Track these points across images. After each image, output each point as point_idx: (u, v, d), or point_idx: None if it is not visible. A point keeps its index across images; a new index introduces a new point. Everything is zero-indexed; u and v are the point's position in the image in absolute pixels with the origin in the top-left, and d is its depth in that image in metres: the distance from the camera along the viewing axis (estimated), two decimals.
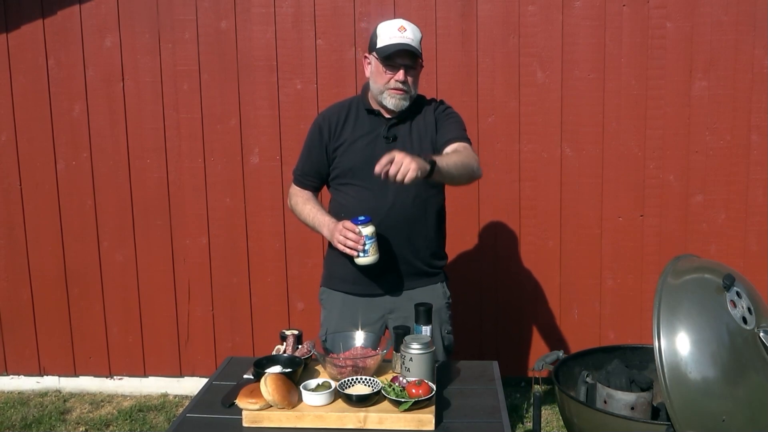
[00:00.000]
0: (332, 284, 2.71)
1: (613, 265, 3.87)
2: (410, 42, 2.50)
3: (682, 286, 2.42)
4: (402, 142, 2.57)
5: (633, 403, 2.60)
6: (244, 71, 3.88)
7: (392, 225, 2.55)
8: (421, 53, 2.54)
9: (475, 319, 3.96)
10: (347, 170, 2.59)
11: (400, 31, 2.50)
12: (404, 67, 2.50)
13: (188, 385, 4.16)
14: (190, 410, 2.14)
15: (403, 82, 2.51)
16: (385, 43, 2.50)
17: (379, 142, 2.56)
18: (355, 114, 2.63)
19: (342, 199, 2.63)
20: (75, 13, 3.90)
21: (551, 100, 3.78)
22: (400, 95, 2.53)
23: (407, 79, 2.52)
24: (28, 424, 3.82)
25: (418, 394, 2.00)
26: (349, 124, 2.61)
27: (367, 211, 2.51)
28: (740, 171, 3.75)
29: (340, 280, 2.67)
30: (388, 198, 2.54)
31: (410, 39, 2.50)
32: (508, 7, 3.74)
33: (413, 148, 2.54)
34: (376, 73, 2.56)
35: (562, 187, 3.84)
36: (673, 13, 3.67)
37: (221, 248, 4.02)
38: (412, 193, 2.54)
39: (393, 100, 2.53)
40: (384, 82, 2.53)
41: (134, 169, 4.00)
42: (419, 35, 2.56)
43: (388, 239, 2.55)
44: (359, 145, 2.58)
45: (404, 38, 2.49)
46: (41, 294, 4.13)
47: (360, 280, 2.62)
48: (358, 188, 2.58)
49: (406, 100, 2.55)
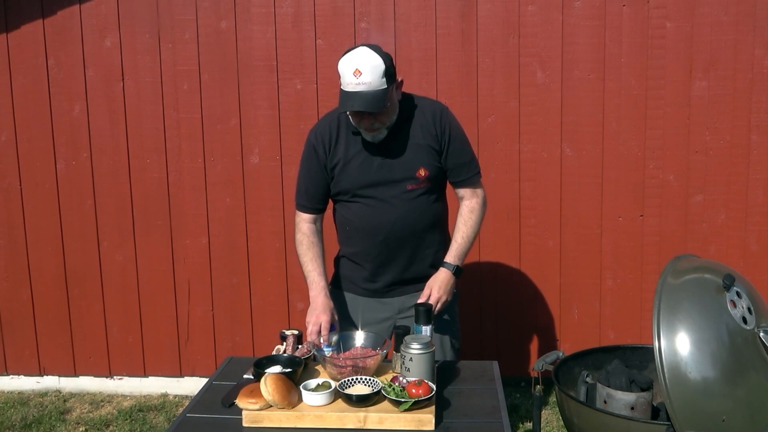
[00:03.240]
0: (339, 284, 2.70)
1: (613, 265, 3.87)
2: (365, 88, 2.32)
3: (682, 286, 2.42)
4: (396, 154, 2.52)
5: (633, 403, 2.60)
6: (244, 71, 3.88)
7: (398, 238, 2.55)
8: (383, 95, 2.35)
9: (475, 319, 3.96)
10: (346, 190, 2.57)
11: (355, 75, 2.32)
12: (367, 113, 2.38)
13: (188, 385, 4.16)
14: (190, 410, 2.14)
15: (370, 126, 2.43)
16: (343, 88, 2.38)
17: (374, 159, 2.52)
18: (345, 131, 2.55)
19: (346, 213, 2.62)
20: (75, 13, 3.90)
21: (551, 100, 3.78)
22: (372, 133, 2.46)
23: (374, 121, 2.41)
24: (28, 424, 3.82)
25: (418, 394, 2.00)
26: (341, 143, 2.55)
27: (372, 226, 2.52)
28: (740, 171, 3.75)
29: (348, 281, 2.68)
30: (389, 214, 2.53)
31: (366, 83, 2.32)
32: (508, 7, 3.74)
33: (408, 160, 2.52)
34: None
35: (562, 187, 3.84)
36: (673, 13, 3.67)
37: (221, 248, 4.02)
38: (412, 206, 2.54)
39: (369, 135, 2.47)
40: (354, 122, 2.47)
41: (134, 169, 4.00)
42: (380, 70, 2.33)
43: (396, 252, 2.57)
44: (353, 165, 2.53)
45: (359, 85, 2.32)
46: (41, 294, 4.13)
47: (369, 287, 2.63)
48: (360, 205, 2.57)
49: (382, 133, 2.46)
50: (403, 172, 2.52)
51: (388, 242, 2.55)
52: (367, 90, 2.33)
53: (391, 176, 2.52)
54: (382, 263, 2.60)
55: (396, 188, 2.53)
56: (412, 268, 2.61)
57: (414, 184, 2.53)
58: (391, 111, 2.45)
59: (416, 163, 2.52)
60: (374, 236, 2.56)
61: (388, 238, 2.54)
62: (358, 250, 2.62)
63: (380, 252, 2.58)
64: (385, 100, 2.37)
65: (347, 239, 2.66)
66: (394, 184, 2.52)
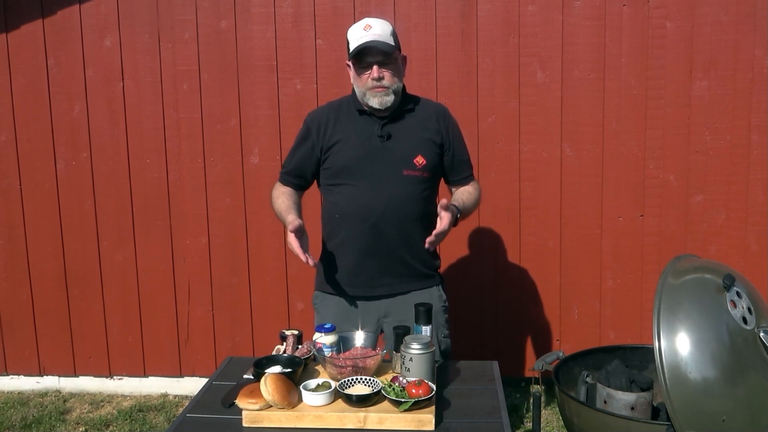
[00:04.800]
0: (326, 288, 2.68)
1: (613, 265, 3.87)
2: (377, 38, 2.46)
3: (682, 286, 2.42)
4: (396, 139, 2.56)
5: (633, 403, 2.60)
6: (244, 71, 3.88)
7: (388, 223, 2.54)
8: (393, 45, 2.50)
9: (475, 319, 3.96)
10: (341, 168, 2.58)
11: (365, 30, 2.48)
12: (377, 64, 2.48)
13: (188, 385, 4.16)
14: (190, 410, 2.14)
15: (378, 79, 2.48)
16: (353, 45, 2.49)
17: (373, 140, 2.56)
18: (347, 113, 2.62)
19: (335, 198, 2.62)
20: (75, 13, 3.90)
21: (551, 100, 3.78)
22: (380, 92, 2.51)
23: (383, 74, 2.49)
24: (28, 424, 3.82)
25: (418, 394, 2.00)
26: (340, 123, 2.60)
27: (363, 208, 2.52)
28: (740, 171, 3.75)
29: (334, 284, 2.65)
30: (382, 196, 2.53)
31: (377, 35, 2.46)
32: (508, 7, 3.74)
33: (407, 146, 2.56)
34: (354, 77, 2.56)
35: (562, 187, 3.84)
36: (673, 13, 3.67)
37: (221, 248, 4.02)
38: (407, 191, 2.55)
39: (375, 99, 2.52)
40: (363, 84, 2.52)
41: (134, 169, 4.00)
42: (389, 28, 2.52)
43: (385, 239, 2.55)
44: (353, 143, 2.57)
45: (370, 35, 2.46)
46: (41, 294, 4.13)
47: (355, 282, 2.61)
48: (352, 187, 2.57)
49: (388, 95, 2.52)
50: (401, 156, 2.56)
51: (376, 227, 2.53)
52: (378, 38, 2.46)
53: (390, 157, 2.55)
54: (368, 252, 2.57)
55: (393, 170, 2.55)
56: (401, 259, 2.59)
57: (411, 170, 2.56)
58: (396, 74, 2.53)
59: (416, 150, 2.58)
60: (364, 220, 2.54)
61: (377, 222, 2.52)
62: (345, 238, 2.59)
63: (367, 239, 2.55)
64: (394, 51, 2.49)
65: (334, 228, 2.63)
66: (391, 166, 2.55)
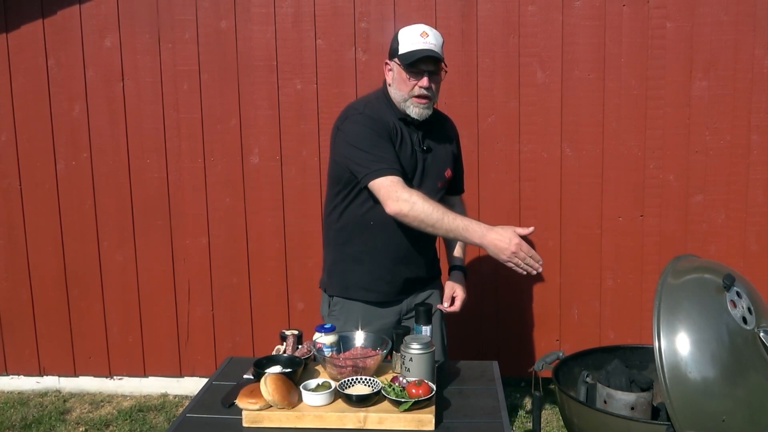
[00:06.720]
0: (348, 293, 2.60)
1: (613, 265, 3.87)
2: (433, 47, 2.42)
3: (682, 286, 2.42)
4: (435, 153, 2.57)
5: (633, 403, 2.60)
6: (244, 71, 3.88)
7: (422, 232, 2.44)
8: (443, 59, 2.48)
9: (475, 319, 3.96)
10: None
11: (422, 36, 2.43)
12: (428, 74, 2.43)
13: (188, 385, 4.16)
14: (190, 410, 2.14)
15: (427, 89, 2.44)
16: (408, 49, 2.42)
17: (418, 152, 2.53)
18: (394, 120, 2.51)
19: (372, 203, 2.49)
20: (75, 13, 3.90)
21: (551, 100, 3.78)
22: (423, 104, 2.46)
23: (431, 86, 2.45)
24: (28, 424, 3.82)
25: (418, 394, 1.99)
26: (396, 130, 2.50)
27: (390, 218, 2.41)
28: (740, 171, 3.75)
29: (356, 288, 2.59)
30: None
31: (433, 44, 2.43)
32: (508, 7, 3.74)
33: (441, 159, 2.60)
34: (399, 80, 2.47)
35: (562, 187, 3.84)
36: (673, 13, 3.67)
37: (221, 248, 4.02)
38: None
39: (417, 109, 2.47)
40: (408, 90, 2.46)
41: (134, 169, 4.00)
42: (441, 40, 2.49)
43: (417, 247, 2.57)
44: (404, 153, 2.49)
45: (427, 44, 2.42)
46: (41, 294, 4.13)
47: (387, 290, 2.59)
48: None
49: (429, 109, 2.49)
50: (438, 169, 2.59)
51: (413, 236, 2.50)
52: (434, 48, 2.44)
53: (432, 170, 2.57)
54: (402, 260, 2.56)
55: (431, 182, 2.56)
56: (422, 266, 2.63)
57: (442, 182, 2.61)
58: (438, 87, 2.51)
59: (446, 163, 2.63)
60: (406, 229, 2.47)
61: (415, 232, 2.45)
62: (379, 245, 2.54)
63: (406, 247, 2.54)
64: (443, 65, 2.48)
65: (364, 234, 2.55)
66: (431, 179, 2.56)
